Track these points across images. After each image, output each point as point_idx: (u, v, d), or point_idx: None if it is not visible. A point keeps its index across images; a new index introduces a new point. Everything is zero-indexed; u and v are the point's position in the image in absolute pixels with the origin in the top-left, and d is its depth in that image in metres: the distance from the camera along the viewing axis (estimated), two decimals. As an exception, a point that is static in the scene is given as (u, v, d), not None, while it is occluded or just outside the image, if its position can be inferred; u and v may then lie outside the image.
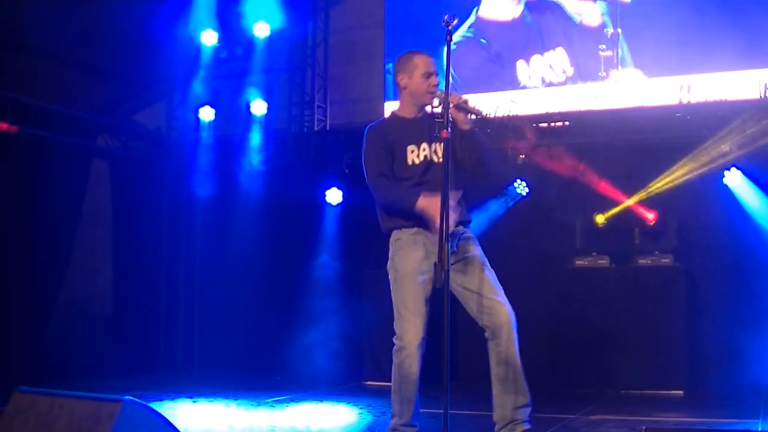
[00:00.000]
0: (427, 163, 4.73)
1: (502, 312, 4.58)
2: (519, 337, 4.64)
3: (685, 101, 8.42)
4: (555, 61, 9.11)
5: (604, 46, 8.96)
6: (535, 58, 9.20)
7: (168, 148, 10.83)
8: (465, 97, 4.60)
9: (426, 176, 4.71)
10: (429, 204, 4.46)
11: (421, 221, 4.61)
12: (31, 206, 8.90)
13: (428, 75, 4.75)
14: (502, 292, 4.66)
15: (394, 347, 4.74)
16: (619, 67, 8.91)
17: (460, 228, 4.74)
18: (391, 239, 4.92)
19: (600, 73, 8.94)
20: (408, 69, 4.78)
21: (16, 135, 8.65)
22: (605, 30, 8.99)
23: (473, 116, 4.63)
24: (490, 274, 4.68)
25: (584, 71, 8.99)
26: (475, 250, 4.75)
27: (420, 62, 4.77)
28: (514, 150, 8.71)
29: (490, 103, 8.83)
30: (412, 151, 4.74)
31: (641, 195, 8.27)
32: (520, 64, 9.25)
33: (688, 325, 7.97)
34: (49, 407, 3.65)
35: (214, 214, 10.32)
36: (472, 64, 9.42)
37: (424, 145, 4.74)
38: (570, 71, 9.06)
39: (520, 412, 4.60)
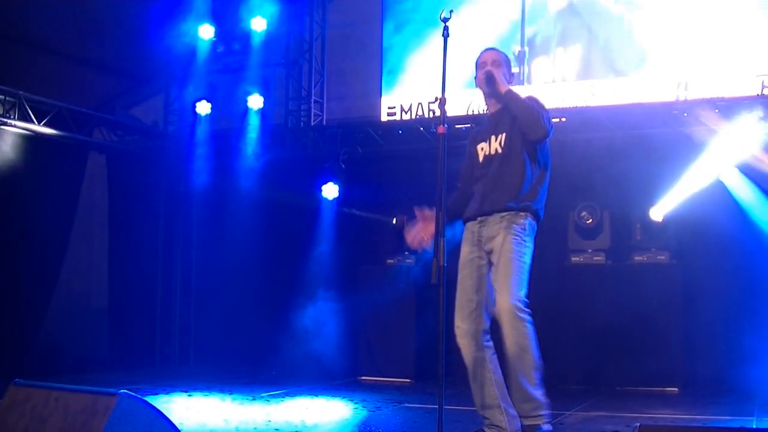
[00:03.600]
0: (492, 156, 4.92)
1: (502, 304, 4.63)
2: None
3: (682, 98, 8.43)
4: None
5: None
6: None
7: (165, 142, 10.82)
8: (490, 70, 4.92)
9: (485, 170, 4.93)
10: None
11: (467, 215, 4.94)
12: (27, 200, 8.88)
13: (482, 67, 4.99)
14: (516, 277, 4.66)
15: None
16: (525, 83, 9.03)
17: (496, 215, 4.81)
18: None
19: None
20: (477, 68, 5.08)
21: (12, 128, 8.66)
22: (512, 47, 9.12)
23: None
24: (506, 264, 4.70)
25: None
26: (500, 239, 4.77)
27: (478, 59, 5.07)
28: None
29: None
30: (482, 149, 4.98)
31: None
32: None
33: (684, 322, 7.97)
34: (45, 400, 3.65)
35: (211, 208, 10.32)
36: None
37: (491, 138, 4.95)
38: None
39: (526, 410, 4.72)
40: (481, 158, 4.97)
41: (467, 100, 9.05)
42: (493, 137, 4.92)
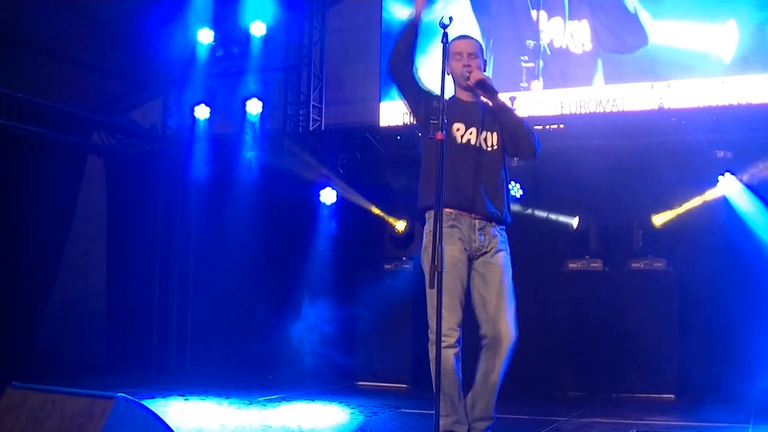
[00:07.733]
0: (476, 149, 4.76)
1: (506, 332, 4.61)
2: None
3: (682, 106, 8.45)
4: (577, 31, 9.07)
5: (526, 58, 9.12)
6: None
7: (163, 145, 10.83)
8: (483, 75, 4.76)
9: (473, 159, 4.73)
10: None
11: (456, 203, 4.66)
12: (25, 202, 8.88)
13: (459, 57, 4.82)
14: (513, 308, 4.67)
15: (429, 341, 4.57)
16: (540, 78, 9.03)
17: (495, 226, 4.77)
18: (426, 229, 4.79)
19: (521, 84, 9.08)
20: (449, 55, 4.78)
21: (11, 131, 8.66)
22: (527, 42, 9.12)
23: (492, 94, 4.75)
24: (507, 287, 4.70)
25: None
26: (502, 256, 4.75)
27: (454, 46, 4.84)
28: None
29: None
30: (458, 129, 4.77)
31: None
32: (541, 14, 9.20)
33: (680, 329, 7.98)
34: (42, 403, 3.64)
35: (208, 213, 10.31)
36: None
37: (472, 129, 4.77)
38: (589, 45, 9.07)
39: (482, 423, 4.68)
40: (460, 139, 4.76)
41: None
42: (473, 128, 4.78)
